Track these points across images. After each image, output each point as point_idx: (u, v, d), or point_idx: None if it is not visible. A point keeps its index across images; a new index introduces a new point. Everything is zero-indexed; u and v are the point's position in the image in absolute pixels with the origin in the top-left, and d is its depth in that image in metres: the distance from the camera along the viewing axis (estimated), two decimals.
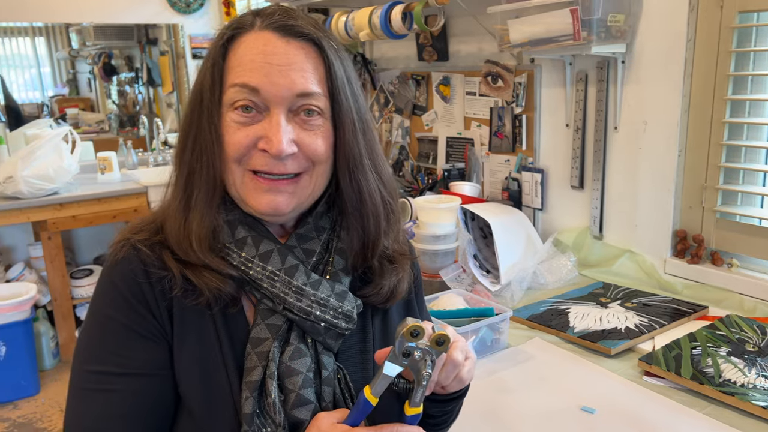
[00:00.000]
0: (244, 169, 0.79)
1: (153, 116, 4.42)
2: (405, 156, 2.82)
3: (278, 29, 0.78)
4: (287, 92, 0.77)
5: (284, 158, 0.77)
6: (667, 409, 1.16)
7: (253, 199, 0.79)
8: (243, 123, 0.78)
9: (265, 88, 0.76)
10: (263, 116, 0.78)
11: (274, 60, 0.77)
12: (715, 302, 1.60)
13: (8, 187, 3.08)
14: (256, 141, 0.77)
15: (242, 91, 0.77)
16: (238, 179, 0.79)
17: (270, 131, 0.76)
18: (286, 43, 0.78)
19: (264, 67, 0.76)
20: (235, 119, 0.78)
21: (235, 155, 0.78)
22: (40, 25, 3.96)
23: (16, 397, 3.10)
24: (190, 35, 4.24)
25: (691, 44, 1.63)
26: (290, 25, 0.79)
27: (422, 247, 1.81)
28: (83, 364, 0.79)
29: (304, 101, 0.78)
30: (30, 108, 4.04)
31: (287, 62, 0.77)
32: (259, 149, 0.77)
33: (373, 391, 0.72)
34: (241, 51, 0.78)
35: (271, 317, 0.80)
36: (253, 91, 0.76)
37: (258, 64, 0.77)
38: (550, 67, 2.02)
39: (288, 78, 0.77)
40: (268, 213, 0.80)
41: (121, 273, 0.79)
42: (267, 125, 0.77)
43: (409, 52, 2.70)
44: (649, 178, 1.78)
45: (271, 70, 0.76)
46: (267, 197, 0.79)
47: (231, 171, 0.79)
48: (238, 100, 0.77)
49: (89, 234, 3.97)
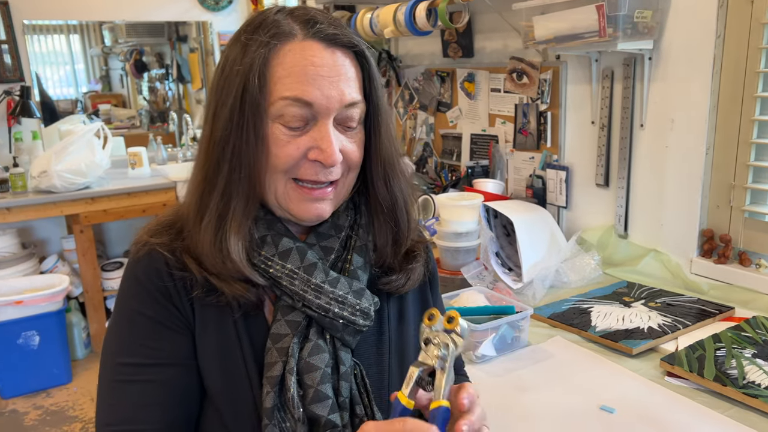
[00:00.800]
0: (287, 178, 0.80)
1: (182, 112, 4.50)
2: (429, 153, 2.82)
3: (323, 39, 0.79)
4: (338, 104, 0.78)
5: (333, 167, 0.79)
6: (689, 410, 1.15)
7: (297, 208, 0.81)
8: (293, 135, 0.78)
9: (318, 101, 0.76)
10: (310, 126, 0.78)
11: (324, 72, 0.77)
12: (741, 303, 1.57)
13: (42, 181, 3.17)
14: (307, 152, 0.78)
15: (294, 104, 0.76)
16: (281, 189, 0.80)
17: (322, 142, 0.77)
18: (332, 53, 0.79)
19: (316, 79, 0.76)
20: (284, 131, 0.78)
21: (284, 167, 0.78)
22: (74, 23, 4.05)
23: (49, 386, 3.19)
24: (218, 32, 4.30)
25: (720, 40, 1.60)
26: (335, 35, 0.79)
27: (444, 244, 1.81)
28: (114, 357, 0.81)
29: (349, 110, 0.80)
30: (64, 104, 4.13)
31: (336, 74, 0.78)
32: (309, 159, 0.78)
33: (408, 395, 0.71)
34: (289, 62, 0.77)
35: (290, 314, 0.81)
36: (306, 104, 0.76)
37: (310, 77, 0.76)
38: (575, 63, 2.00)
39: (338, 89, 0.78)
40: (313, 220, 0.83)
41: (144, 269, 0.81)
42: (317, 135, 0.78)
43: (434, 49, 2.70)
44: (675, 176, 1.75)
45: (323, 83, 0.77)
46: (312, 206, 0.81)
47: (274, 181, 0.80)
48: (290, 113, 0.77)
49: (119, 227, 4.06)
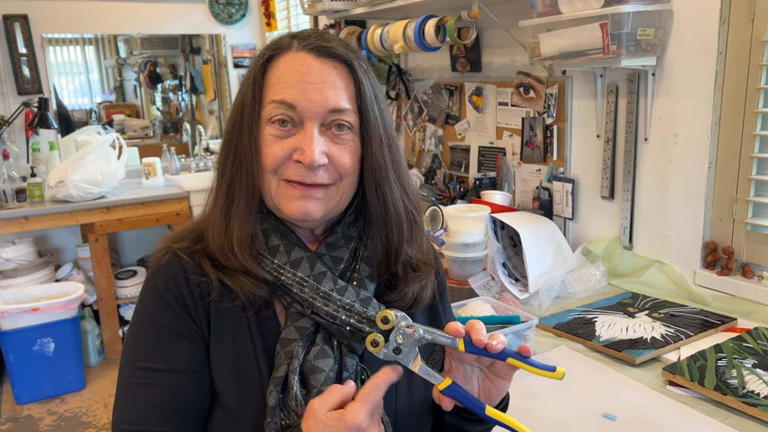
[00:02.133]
0: (279, 179, 0.86)
1: (195, 123, 4.57)
2: (438, 164, 2.87)
3: (313, 50, 0.85)
4: (321, 108, 0.83)
5: (316, 169, 0.84)
6: (689, 418, 1.18)
7: (286, 206, 0.86)
8: (279, 136, 0.84)
9: (300, 104, 0.83)
10: (298, 130, 0.84)
11: (309, 78, 0.83)
12: (744, 314, 1.60)
13: (59, 191, 3.24)
14: (291, 153, 0.84)
15: (280, 106, 0.84)
16: (274, 188, 0.86)
17: (304, 143, 0.83)
18: (321, 62, 0.85)
19: (300, 84, 0.83)
20: (272, 133, 0.85)
21: (271, 166, 0.85)
22: (90, 35, 4.14)
23: (63, 392, 3.25)
24: (232, 45, 4.38)
25: (722, 57, 1.64)
26: (324, 47, 0.86)
27: (452, 255, 1.86)
28: (132, 361, 0.86)
29: (335, 116, 0.84)
30: (79, 114, 4.22)
31: (321, 80, 0.84)
32: (294, 160, 0.84)
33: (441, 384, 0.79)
34: (280, 70, 0.85)
35: (300, 320, 0.86)
36: (290, 107, 0.83)
37: (295, 82, 0.83)
38: (581, 78, 2.05)
39: (322, 95, 0.83)
40: (299, 218, 0.86)
41: (163, 278, 0.87)
42: (301, 138, 0.84)
43: (442, 63, 2.75)
44: (679, 189, 1.79)
45: (307, 87, 0.83)
46: (299, 203, 0.85)
47: (267, 181, 0.86)
48: (275, 115, 0.84)
49: (133, 236, 4.13)
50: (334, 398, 0.75)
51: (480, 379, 0.85)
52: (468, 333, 0.79)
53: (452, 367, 0.84)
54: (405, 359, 0.79)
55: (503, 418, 0.79)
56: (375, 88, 0.89)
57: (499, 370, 0.83)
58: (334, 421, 0.72)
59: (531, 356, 0.79)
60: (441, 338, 0.79)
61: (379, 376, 0.76)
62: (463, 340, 0.78)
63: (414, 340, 0.78)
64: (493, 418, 0.80)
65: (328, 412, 0.73)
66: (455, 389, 0.80)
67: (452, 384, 0.80)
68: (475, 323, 0.80)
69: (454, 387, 0.80)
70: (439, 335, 0.79)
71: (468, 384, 0.84)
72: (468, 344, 0.78)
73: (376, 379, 0.76)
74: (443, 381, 0.80)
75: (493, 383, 0.85)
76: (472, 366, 0.85)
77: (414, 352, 0.79)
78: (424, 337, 0.78)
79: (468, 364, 0.84)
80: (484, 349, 0.78)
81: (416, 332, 0.78)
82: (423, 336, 0.78)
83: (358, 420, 0.72)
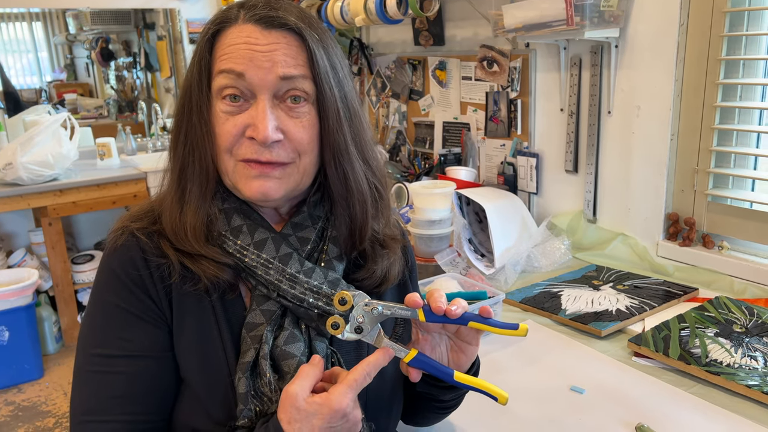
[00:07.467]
0: (235, 160, 0.81)
1: (151, 101, 4.43)
2: (402, 141, 2.84)
3: (259, 21, 0.80)
4: (271, 74, 0.78)
5: (270, 145, 0.79)
6: (655, 388, 1.19)
7: (244, 186, 0.81)
8: (231, 113, 0.80)
9: (249, 72, 0.78)
10: (250, 104, 0.79)
11: (256, 48, 0.79)
12: (705, 284, 1.62)
13: (8, 174, 3.10)
14: (244, 129, 0.79)
15: (228, 76, 0.78)
16: (231, 168, 0.82)
17: (256, 118, 0.78)
18: (268, 33, 0.80)
19: (248, 53, 0.78)
20: (224, 109, 0.80)
21: (225, 145, 0.80)
22: (37, 10, 3.95)
23: (20, 381, 3.15)
24: (187, 20, 4.23)
25: (684, 28, 1.63)
26: (271, 17, 0.80)
27: (417, 232, 1.83)
28: (87, 348, 0.82)
29: (289, 85, 0.79)
30: (28, 93, 4.04)
31: (269, 49, 0.79)
32: (247, 137, 0.79)
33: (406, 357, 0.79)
34: (226, 43, 0.80)
35: (265, 303, 0.82)
36: (238, 76, 0.78)
37: (242, 51, 0.79)
38: (544, 51, 2.03)
39: (271, 61, 0.78)
40: (258, 198, 0.82)
41: (120, 260, 0.82)
42: (253, 113, 0.79)
43: (405, 37, 2.70)
44: (642, 162, 1.80)
45: (255, 55, 0.78)
46: (257, 183, 0.80)
47: (223, 161, 0.81)
48: (224, 86, 0.79)
49: (89, 220, 3.99)
50: (309, 381, 0.73)
51: (448, 346, 0.85)
52: (428, 302, 0.78)
53: (419, 338, 0.83)
54: (368, 337, 0.78)
55: (472, 382, 0.79)
56: (331, 57, 0.83)
57: (465, 335, 0.83)
58: (317, 406, 0.70)
59: (492, 317, 0.78)
60: (401, 311, 0.78)
61: (369, 361, 0.75)
62: (423, 310, 0.78)
63: (374, 317, 0.77)
64: (462, 383, 0.79)
65: (308, 399, 0.71)
66: (421, 359, 0.79)
67: (418, 354, 0.79)
68: (434, 291, 0.79)
69: (420, 357, 0.79)
70: (398, 309, 0.78)
71: (436, 352, 0.84)
72: (428, 313, 0.77)
73: (366, 365, 0.74)
74: (408, 353, 0.78)
75: (461, 349, 0.84)
76: (440, 335, 0.84)
77: (376, 328, 0.78)
78: (383, 313, 0.77)
79: (435, 332, 0.84)
80: (444, 316, 0.77)
81: (375, 309, 0.77)
82: (382, 312, 0.77)
83: (343, 405, 0.70)
